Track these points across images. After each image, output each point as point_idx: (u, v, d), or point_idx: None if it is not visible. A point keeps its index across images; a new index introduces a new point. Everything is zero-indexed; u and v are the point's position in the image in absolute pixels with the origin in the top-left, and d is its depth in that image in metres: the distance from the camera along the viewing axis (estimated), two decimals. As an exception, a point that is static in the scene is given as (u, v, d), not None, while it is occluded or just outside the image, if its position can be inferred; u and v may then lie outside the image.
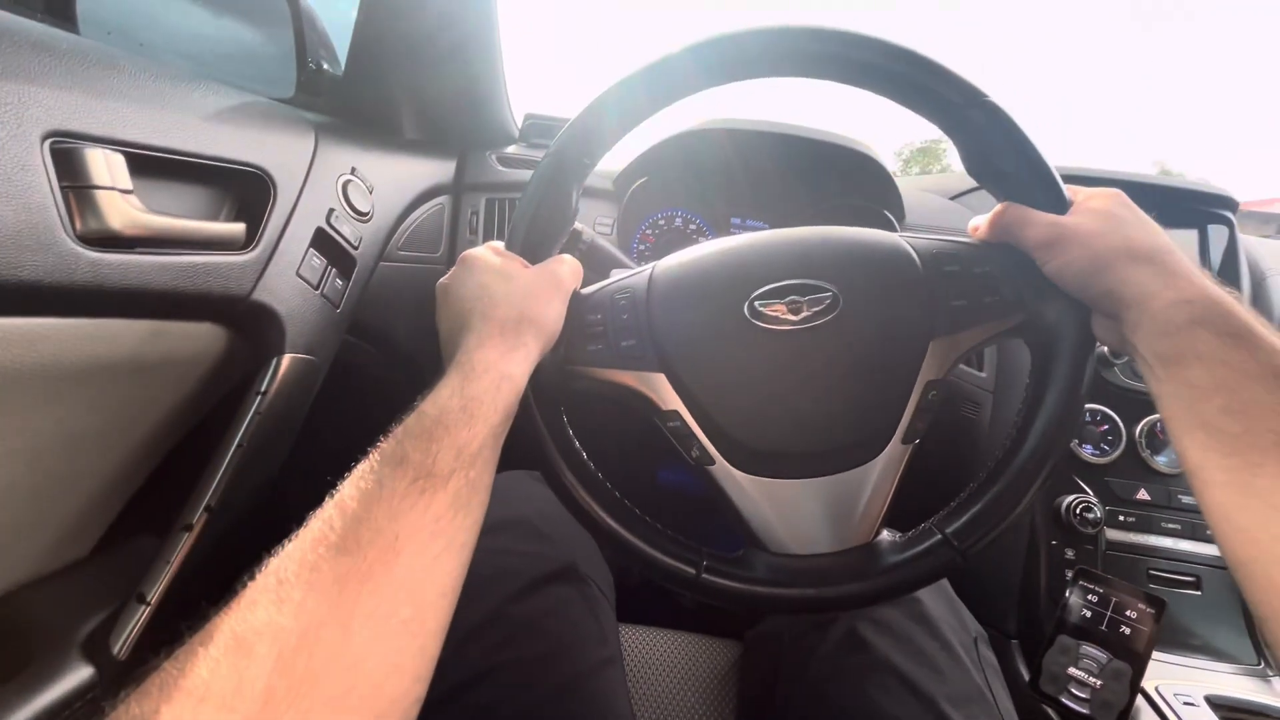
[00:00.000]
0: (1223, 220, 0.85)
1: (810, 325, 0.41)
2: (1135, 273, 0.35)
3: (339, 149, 0.62)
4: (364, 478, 0.28)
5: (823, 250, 0.43)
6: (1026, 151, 0.39)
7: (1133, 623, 0.53)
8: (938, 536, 0.40)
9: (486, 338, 0.36)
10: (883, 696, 0.45)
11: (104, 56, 0.42)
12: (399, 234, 0.73)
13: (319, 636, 0.23)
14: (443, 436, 0.30)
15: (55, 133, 0.36)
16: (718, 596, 0.40)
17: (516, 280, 0.40)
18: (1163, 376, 0.33)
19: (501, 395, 0.34)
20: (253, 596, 0.23)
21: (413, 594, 0.26)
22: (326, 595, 0.24)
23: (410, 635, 0.26)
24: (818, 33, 0.39)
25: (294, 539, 0.26)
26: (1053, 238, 0.38)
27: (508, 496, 0.60)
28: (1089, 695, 0.51)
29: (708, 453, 0.41)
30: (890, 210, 0.84)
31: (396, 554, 0.26)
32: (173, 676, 0.21)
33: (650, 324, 0.42)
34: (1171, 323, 0.33)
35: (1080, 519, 0.69)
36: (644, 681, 0.57)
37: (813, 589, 0.40)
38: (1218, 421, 0.30)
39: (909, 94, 0.40)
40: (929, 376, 0.40)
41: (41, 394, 0.39)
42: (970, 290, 0.41)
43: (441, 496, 0.29)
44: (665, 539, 0.42)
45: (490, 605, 0.48)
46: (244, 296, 0.49)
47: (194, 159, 0.45)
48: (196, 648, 0.22)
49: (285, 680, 0.21)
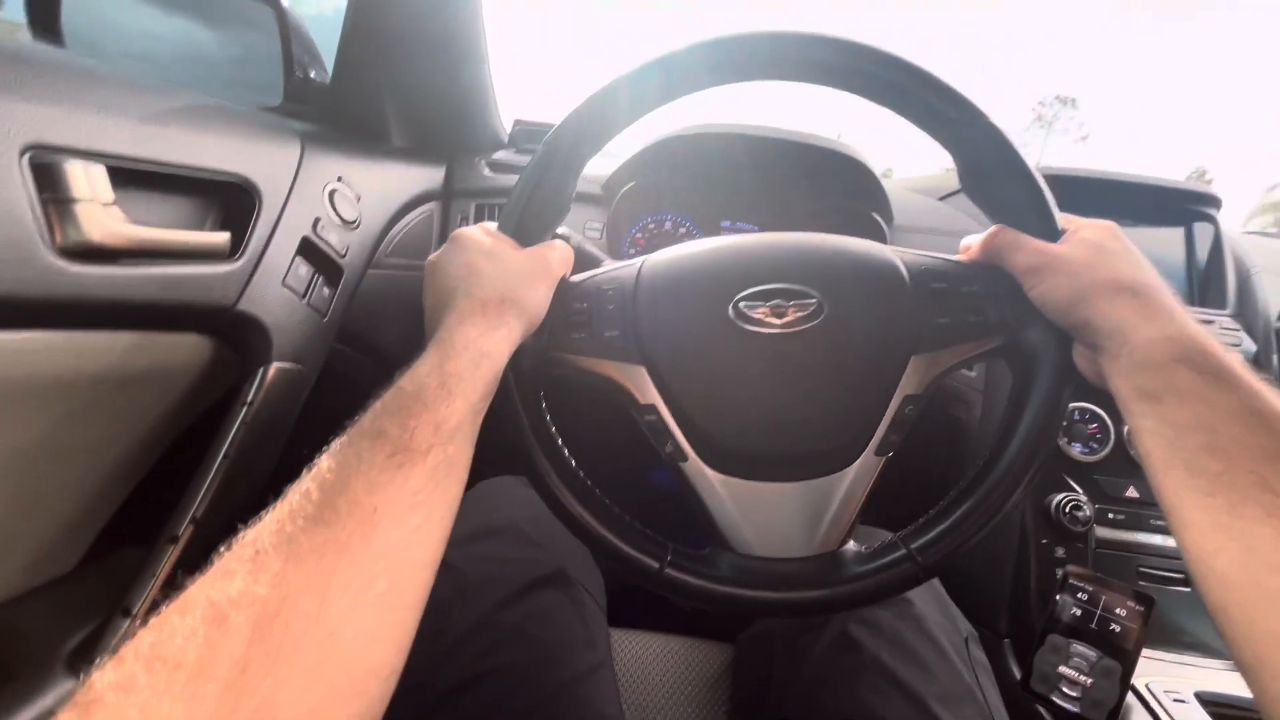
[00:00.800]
0: (1208, 218, 0.86)
1: (793, 330, 0.41)
2: (1118, 305, 0.35)
3: (325, 157, 0.62)
4: (341, 451, 0.28)
5: (811, 257, 0.44)
6: (1022, 176, 0.39)
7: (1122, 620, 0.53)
8: (902, 551, 0.40)
9: (468, 315, 0.36)
10: (873, 697, 0.45)
11: (85, 68, 0.42)
12: (387, 241, 0.73)
13: (296, 607, 0.23)
14: (421, 412, 0.30)
15: (34, 145, 0.36)
16: (678, 592, 0.40)
17: (504, 261, 0.40)
18: (1141, 412, 0.33)
19: (481, 373, 0.34)
20: (229, 566, 0.23)
21: (390, 566, 0.26)
22: (303, 566, 0.24)
23: (388, 607, 0.26)
24: (824, 41, 0.39)
25: (271, 511, 0.26)
26: (1040, 264, 0.38)
27: (496, 503, 0.60)
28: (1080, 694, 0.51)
29: (681, 449, 0.41)
30: (878, 212, 0.85)
31: (374, 526, 0.26)
32: (148, 644, 0.21)
33: (635, 316, 0.42)
34: (1152, 358, 0.33)
35: (1070, 517, 0.69)
36: (636, 686, 0.57)
37: (773, 592, 0.40)
38: (1198, 460, 0.30)
39: (909, 106, 0.40)
40: (907, 391, 0.40)
41: (24, 408, 0.39)
42: (955, 309, 0.41)
43: (420, 471, 0.29)
44: (632, 531, 0.42)
45: (478, 612, 0.48)
46: (229, 307, 0.48)
47: (177, 170, 0.45)
48: (172, 617, 0.21)
49: (262, 649, 0.21)
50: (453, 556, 0.53)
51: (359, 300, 0.67)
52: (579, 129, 0.42)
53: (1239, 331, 0.78)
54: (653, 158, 0.85)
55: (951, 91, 0.39)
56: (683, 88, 0.41)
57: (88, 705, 0.19)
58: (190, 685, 0.20)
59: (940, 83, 0.39)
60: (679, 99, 0.42)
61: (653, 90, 0.41)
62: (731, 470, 0.41)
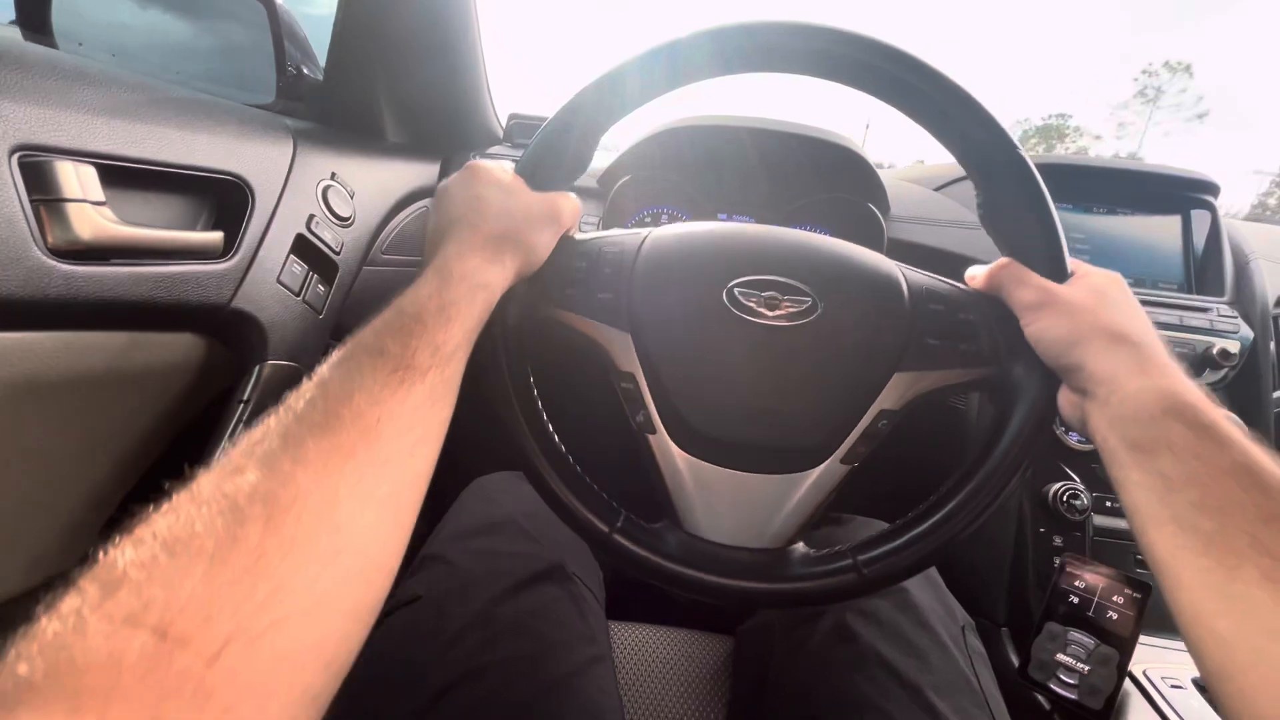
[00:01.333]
0: (1205, 205, 0.86)
1: (782, 324, 0.41)
2: (1112, 353, 0.35)
3: (319, 154, 0.62)
4: (344, 364, 0.29)
5: (815, 256, 0.44)
6: (1041, 213, 0.39)
7: (1119, 608, 0.54)
8: (848, 560, 0.41)
9: (468, 247, 0.37)
10: (869, 687, 0.46)
11: (75, 68, 0.42)
12: (383, 238, 0.73)
13: (307, 503, 0.24)
14: (421, 334, 0.31)
15: (24, 146, 0.36)
16: (621, 558, 0.41)
17: (515, 199, 0.40)
18: (1130, 463, 0.33)
19: (477, 302, 0.35)
20: (239, 463, 0.24)
21: (393, 474, 0.28)
22: (312, 467, 0.25)
23: (391, 509, 0.28)
24: (872, 45, 0.38)
25: (276, 415, 0.27)
26: (1042, 301, 0.38)
27: (494, 498, 0.61)
28: (1078, 681, 0.52)
29: (651, 421, 0.41)
30: (874, 203, 0.84)
31: (377, 436, 0.27)
32: (166, 528, 0.21)
33: (630, 283, 0.42)
34: (1143, 409, 0.33)
35: (1067, 506, 0.69)
36: (635, 679, 0.57)
37: (713, 576, 0.40)
38: (1190, 517, 0.29)
39: (942, 128, 0.40)
40: (884, 405, 0.40)
41: (19, 409, 0.39)
42: (948, 333, 0.41)
43: (419, 388, 0.30)
44: (588, 492, 0.42)
45: (476, 606, 0.48)
46: (223, 305, 0.48)
47: (168, 168, 0.45)
48: (187, 505, 0.22)
49: (276, 539, 0.22)
50: (450, 551, 0.54)
51: (354, 297, 0.67)
52: (613, 86, 0.41)
53: (1236, 319, 0.78)
54: (649, 151, 0.85)
55: (989, 119, 0.38)
56: (726, 66, 0.40)
57: (112, 582, 0.20)
58: (211, 568, 0.21)
59: (980, 108, 0.38)
60: (719, 78, 0.41)
61: (701, 62, 0.40)
62: (696, 451, 0.41)
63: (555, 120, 0.42)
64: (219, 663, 0.19)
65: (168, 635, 0.19)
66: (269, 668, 0.21)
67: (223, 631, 0.20)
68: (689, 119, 0.84)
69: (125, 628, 0.19)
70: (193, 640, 0.19)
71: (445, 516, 0.60)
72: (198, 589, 0.20)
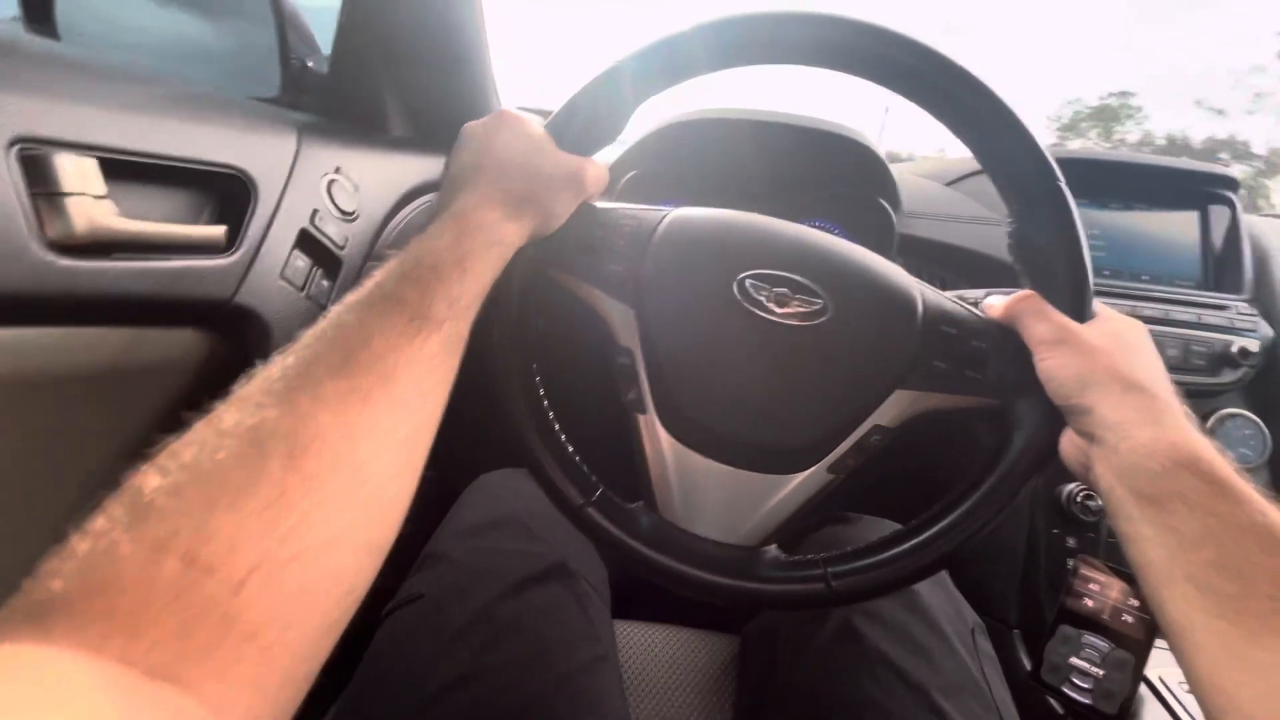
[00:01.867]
0: (1224, 200, 0.84)
1: (789, 323, 0.40)
2: (1123, 399, 0.34)
3: (323, 148, 0.61)
4: (361, 308, 0.30)
5: (833, 259, 0.43)
6: (1073, 250, 0.37)
7: (1135, 611, 0.53)
8: (818, 570, 0.40)
9: (488, 200, 0.37)
10: (875, 688, 0.45)
11: (76, 60, 0.42)
12: (388, 233, 0.72)
13: (326, 443, 0.24)
14: (437, 285, 0.32)
15: (23, 138, 0.35)
16: (592, 533, 0.41)
17: (541, 157, 0.39)
18: (1139, 517, 0.31)
19: (491, 256, 0.35)
20: (260, 400, 0.25)
21: (409, 417, 0.29)
22: (331, 408, 0.25)
23: (405, 451, 0.29)
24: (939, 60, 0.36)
25: (294, 353, 0.27)
26: (1059, 339, 0.37)
27: (497, 496, 0.60)
28: (1091, 685, 0.51)
29: (642, 400, 0.41)
30: (885, 198, 0.83)
31: (395, 381, 0.28)
32: (191, 457, 0.22)
33: (642, 259, 0.42)
34: (1154, 459, 0.31)
35: (1082, 507, 0.68)
36: (640, 678, 0.57)
37: (680, 563, 0.40)
38: (1207, 577, 0.28)
39: (986, 148, 0.38)
40: (879, 421, 0.40)
41: (20, 405, 0.38)
42: (957, 357, 0.40)
43: (435, 339, 0.30)
44: (569, 462, 0.42)
45: (478, 605, 0.47)
46: (226, 300, 0.48)
47: (171, 162, 0.44)
48: (210, 438, 0.23)
49: (297, 476, 0.23)
50: (453, 549, 0.53)
51: (359, 293, 0.66)
52: (657, 56, 0.39)
53: (1255, 317, 0.76)
54: (656, 145, 0.84)
55: (1036, 148, 0.37)
56: (776, 55, 0.38)
57: (141, 507, 0.20)
58: (236, 500, 0.21)
59: (1028, 134, 0.36)
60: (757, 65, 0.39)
61: (739, 46, 0.38)
62: (683, 437, 0.41)
63: (594, 82, 0.40)
64: (243, 591, 0.20)
65: (196, 562, 0.20)
66: (290, 598, 0.22)
67: (247, 561, 0.21)
68: (696, 112, 0.83)
69: (155, 553, 0.19)
70: (219, 568, 0.20)
71: (449, 514, 0.60)
72: (223, 520, 0.21)
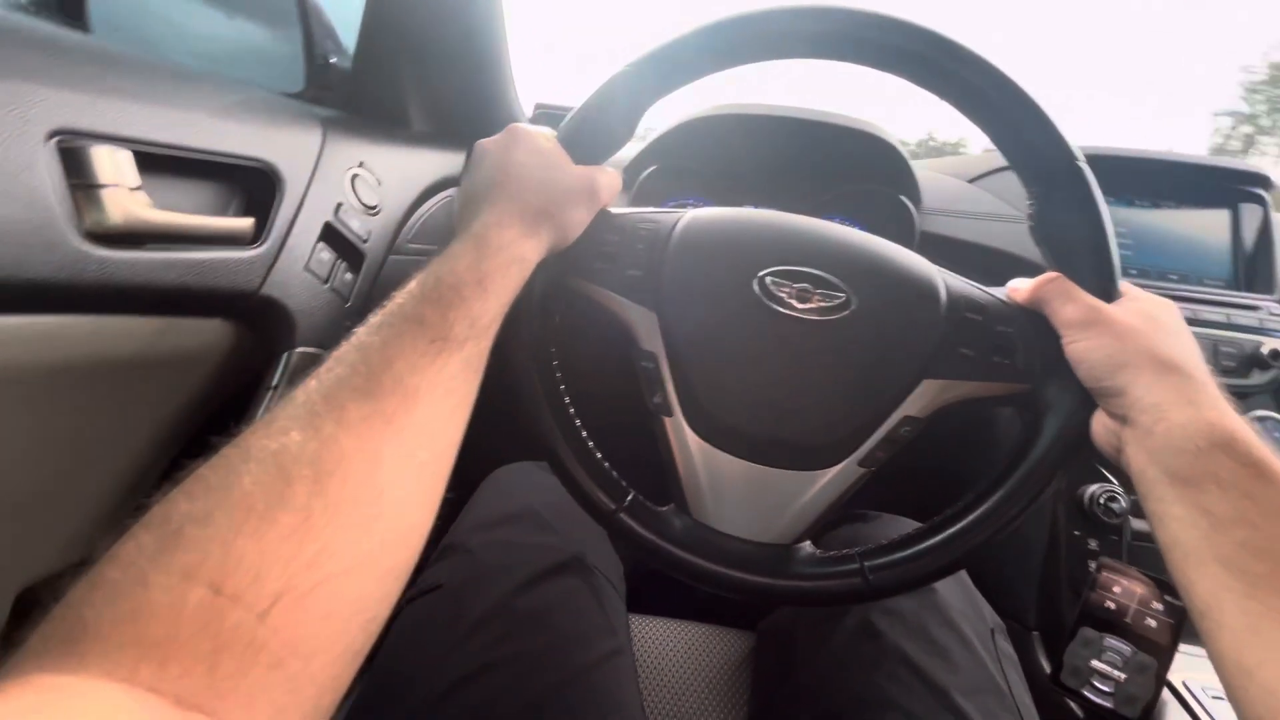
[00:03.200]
0: (1256, 199, 0.82)
1: (813, 318, 0.40)
2: (1158, 380, 0.33)
3: (347, 142, 0.62)
4: (383, 330, 0.30)
5: (853, 251, 0.42)
6: (1096, 229, 0.37)
7: (1158, 615, 0.52)
8: (855, 565, 0.40)
9: (507, 216, 0.37)
10: (893, 686, 0.45)
11: (110, 54, 0.43)
12: (409, 227, 0.73)
13: (350, 468, 0.25)
14: (459, 305, 0.32)
15: (61, 131, 0.36)
16: (626, 538, 0.41)
17: (555, 172, 0.39)
18: (1171, 498, 0.31)
19: (512, 275, 0.35)
20: (284, 424, 0.25)
21: (430, 441, 0.29)
22: (354, 431, 0.26)
23: (428, 474, 0.29)
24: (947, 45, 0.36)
25: (317, 377, 0.27)
26: (1088, 320, 0.36)
27: (513, 489, 0.61)
28: (1113, 689, 0.50)
29: (669, 403, 0.41)
30: (906, 194, 0.82)
31: (416, 404, 0.28)
32: (217, 484, 0.22)
33: (661, 262, 0.42)
34: (1191, 440, 0.31)
35: (1104, 509, 0.67)
36: (655, 672, 0.57)
37: (715, 564, 0.40)
38: (1238, 558, 0.28)
39: (1000, 129, 0.38)
40: (909, 411, 0.39)
41: (53, 392, 0.39)
42: (984, 344, 0.39)
43: (456, 359, 0.31)
44: (599, 469, 0.42)
45: (494, 598, 0.48)
46: (253, 292, 0.49)
47: (201, 155, 0.45)
48: (237, 463, 0.23)
49: (322, 501, 0.23)
50: (471, 541, 0.54)
51: (381, 286, 0.67)
52: (662, 60, 0.40)
53: (1288, 318, 0.74)
54: (675, 141, 0.84)
55: (1050, 125, 0.36)
56: (776, 50, 0.39)
57: (169, 534, 0.21)
58: (261, 526, 0.21)
59: (1043, 114, 0.36)
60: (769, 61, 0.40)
61: (740, 44, 0.39)
62: (711, 438, 0.41)
63: (600, 92, 0.41)
64: (269, 619, 0.20)
65: (222, 590, 0.20)
66: (315, 625, 0.22)
67: (272, 589, 0.21)
68: (716, 108, 0.83)
69: (182, 581, 0.19)
70: (244, 596, 0.20)
71: (466, 506, 0.60)
72: (249, 546, 0.21)
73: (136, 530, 0.21)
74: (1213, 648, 0.29)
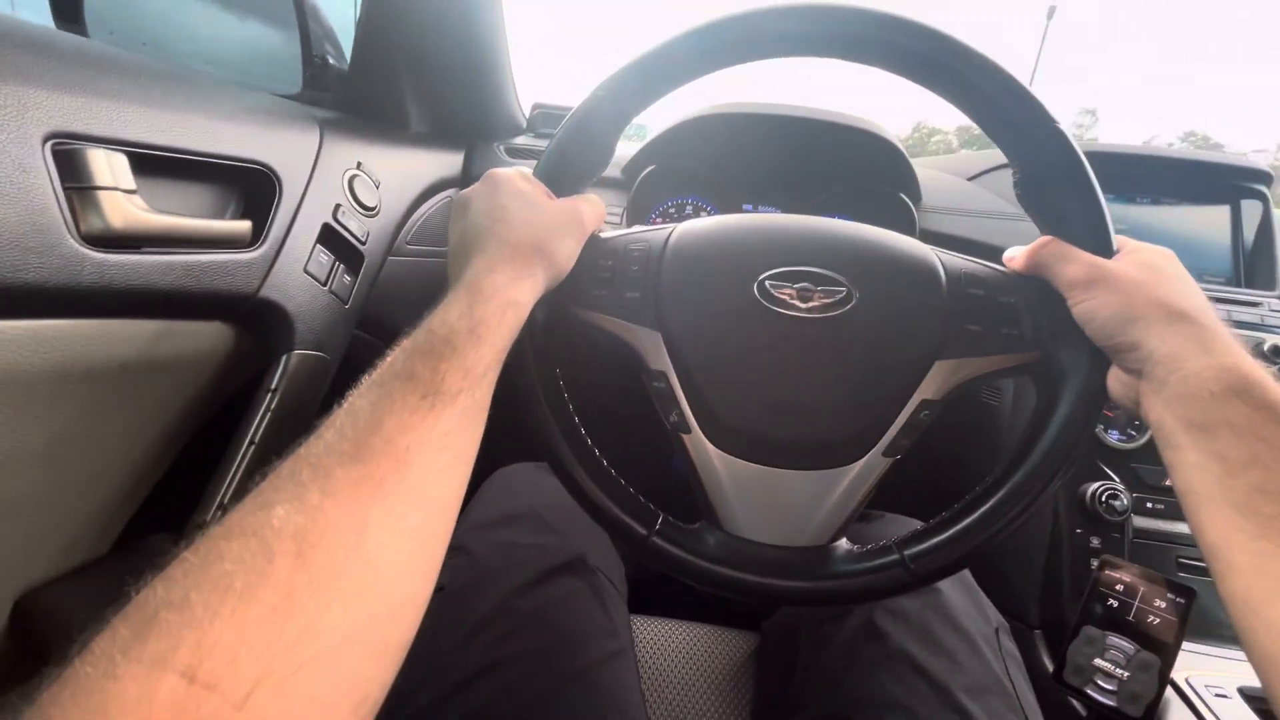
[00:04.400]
0: (1257, 195, 0.82)
1: (817, 316, 0.40)
2: (1170, 330, 0.33)
3: (345, 144, 0.62)
4: (373, 390, 0.29)
5: (847, 244, 0.42)
6: (1084, 187, 0.37)
7: (1161, 612, 0.52)
8: (895, 556, 0.39)
9: (498, 261, 0.36)
10: (897, 687, 0.45)
11: (106, 56, 0.43)
12: (407, 228, 0.73)
13: (336, 538, 0.24)
14: (451, 356, 0.31)
15: (57, 134, 0.36)
16: (662, 562, 0.40)
17: (538, 209, 0.39)
18: (1187, 445, 0.31)
19: (507, 321, 0.34)
20: (269, 497, 0.24)
21: (423, 502, 0.27)
22: (341, 500, 0.24)
23: (421, 539, 0.27)
24: (895, 22, 0.37)
25: (306, 445, 0.26)
26: (1091, 278, 0.36)
27: (516, 489, 0.60)
28: (1116, 687, 0.50)
29: (685, 420, 0.41)
30: (906, 192, 0.82)
31: (408, 465, 0.27)
32: (197, 566, 0.21)
33: (658, 280, 0.42)
34: (1204, 388, 0.31)
35: (1106, 507, 0.67)
36: (658, 673, 0.57)
37: (755, 576, 0.40)
38: (1249, 501, 0.28)
39: (973, 101, 0.38)
40: (925, 395, 0.39)
41: (51, 395, 0.39)
42: (990, 318, 0.39)
43: (449, 413, 0.29)
44: (625, 495, 0.42)
45: (496, 599, 0.48)
46: (251, 294, 0.49)
47: (198, 157, 0.45)
48: (219, 541, 0.22)
49: (305, 576, 0.22)
50: (472, 542, 0.54)
51: (380, 287, 0.67)
52: (628, 82, 0.40)
53: (1289, 314, 0.74)
54: (674, 140, 0.84)
55: (1020, 89, 0.36)
56: (736, 55, 0.39)
57: (143, 622, 0.20)
58: (239, 606, 0.20)
59: (1010, 78, 0.36)
60: (734, 66, 0.40)
61: (712, 52, 0.39)
62: (733, 449, 0.40)
63: (569, 124, 0.41)
64: (247, 707, 0.19)
65: (196, 679, 0.19)
66: (299, 711, 0.21)
67: (251, 674, 0.20)
68: (715, 107, 0.82)
69: (155, 670, 0.19)
70: (220, 683, 0.19)
71: (467, 507, 0.60)
72: (226, 629, 0.20)
73: (114, 621, 0.20)
74: (1223, 589, 0.29)
